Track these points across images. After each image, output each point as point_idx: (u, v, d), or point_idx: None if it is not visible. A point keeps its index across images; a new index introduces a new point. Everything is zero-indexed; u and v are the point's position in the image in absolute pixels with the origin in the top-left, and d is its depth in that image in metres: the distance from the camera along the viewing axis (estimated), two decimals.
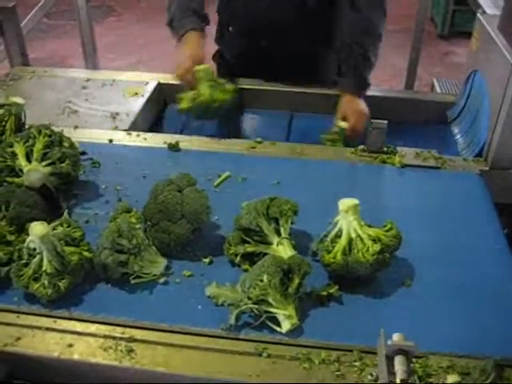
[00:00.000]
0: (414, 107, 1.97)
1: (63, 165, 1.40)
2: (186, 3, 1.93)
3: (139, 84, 2.05)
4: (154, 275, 1.21)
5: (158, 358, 1.06)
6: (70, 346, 1.08)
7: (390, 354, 0.94)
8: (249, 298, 1.10)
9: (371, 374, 1.03)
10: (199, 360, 1.06)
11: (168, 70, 1.98)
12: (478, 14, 1.80)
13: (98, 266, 1.19)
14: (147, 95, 1.99)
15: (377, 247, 1.16)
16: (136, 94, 1.99)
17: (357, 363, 1.05)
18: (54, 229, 1.20)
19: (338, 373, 1.03)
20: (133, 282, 1.19)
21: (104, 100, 1.94)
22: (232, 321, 1.10)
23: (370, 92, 2.07)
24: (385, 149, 1.65)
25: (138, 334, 1.10)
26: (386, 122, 1.59)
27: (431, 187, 1.54)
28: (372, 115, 1.64)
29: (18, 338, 1.09)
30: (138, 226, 1.24)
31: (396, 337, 0.95)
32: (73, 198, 1.46)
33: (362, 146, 1.66)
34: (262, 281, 1.11)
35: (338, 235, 1.21)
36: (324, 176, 1.57)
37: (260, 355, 1.07)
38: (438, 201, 1.49)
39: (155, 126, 2.02)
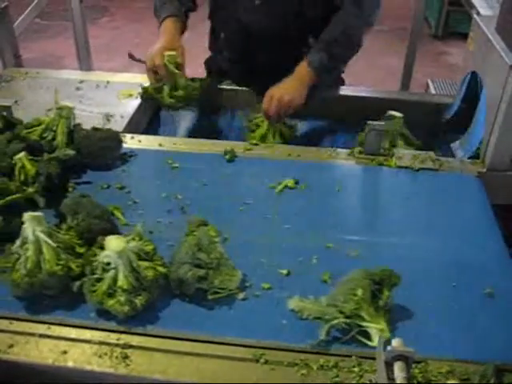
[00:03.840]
0: (411, 108, 1.96)
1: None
2: None
3: (133, 86, 2.03)
4: (231, 290, 1.16)
5: (154, 365, 1.04)
6: (65, 352, 1.06)
7: (389, 360, 0.93)
8: (341, 312, 1.08)
9: (370, 380, 1.01)
10: (196, 366, 1.05)
11: None
12: (475, 15, 1.79)
13: (174, 282, 1.15)
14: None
15: None
16: (130, 95, 1.97)
17: (355, 369, 1.04)
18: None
19: (337, 379, 1.02)
20: (211, 297, 1.15)
21: (98, 101, 1.92)
22: (322, 336, 1.07)
23: (366, 93, 2.07)
24: (382, 151, 1.64)
25: (133, 340, 1.08)
26: (383, 123, 1.59)
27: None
28: (369, 117, 1.62)
29: (11, 345, 1.07)
30: (217, 240, 1.20)
31: (395, 342, 0.94)
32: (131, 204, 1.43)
33: (358, 148, 1.65)
34: (355, 295, 1.08)
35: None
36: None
37: (258, 361, 1.05)
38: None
39: (149, 127, 2.00)
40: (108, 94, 1.99)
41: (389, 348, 0.93)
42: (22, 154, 1.41)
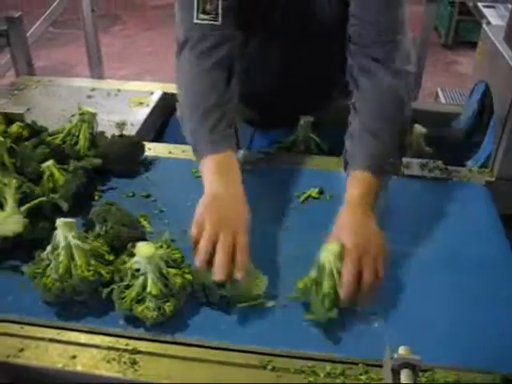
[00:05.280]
0: (421, 118, 1.96)
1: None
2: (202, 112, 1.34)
3: (144, 94, 2.05)
4: (255, 298, 1.16)
5: (162, 370, 1.05)
6: (74, 357, 1.07)
7: (395, 368, 0.93)
8: None
9: None
10: (203, 372, 1.05)
11: (173, 79, 1.98)
12: (484, 25, 1.80)
13: (198, 288, 1.16)
14: (152, 105, 1.99)
15: None
16: (141, 103, 2.00)
17: (362, 376, 1.04)
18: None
19: None
20: (238, 305, 1.16)
21: (109, 109, 1.95)
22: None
23: None
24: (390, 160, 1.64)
25: (142, 345, 1.09)
26: None
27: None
28: None
29: (21, 350, 1.08)
30: None
31: (402, 350, 0.94)
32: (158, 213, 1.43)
33: None
34: None
35: None
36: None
37: (265, 368, 1.06)
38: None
39: (160, 135, 2.02)
40: (119, 102, 2.01)
41: (395, 356, 0.93)
42: (51, 162, 1.43)
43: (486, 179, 1.60)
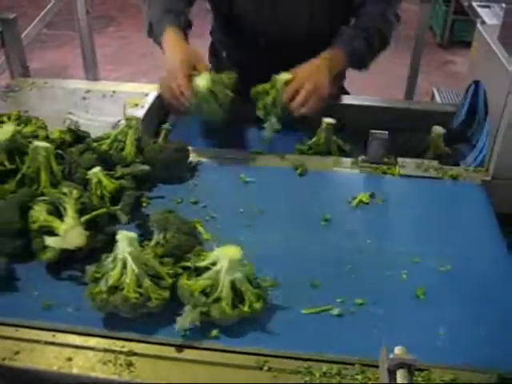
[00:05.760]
0: (416, 117, 1.96)
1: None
2: (163, 5, 1.74)
3: (139, 95, 2.05)
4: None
5: (158, 372, 1.05)
6: (69, 359, 1.07)
7: (391, 368, 0.93)
8: None
9: None
10: (199, 374, 1.05)
11: None
12: (478, 24, 1.80)
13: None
14: (147, 106, 1.99)
15: None
16: (136, 105, 1.99)
17: (358, 376, 1.04)
18: None
19: None
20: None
21: (104, 111, 1.94)
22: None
23: (370, 102, 2.07)
24: (385, 159, 1.64)
25: (138, 347, 1.09)
26: (386, 132, 1.59)
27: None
28: (372, 126, 1.63)
29: (17, 352, 1.08)
30: None
31: (397, 350, 0.94)
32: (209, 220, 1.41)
33: (362, 157, 1.65)
34: None
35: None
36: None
37: (261, 369, 1.06)
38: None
39: (155, 136, 2.01)
40: (114, 104, 2.01)
41: (391, 356, 0.93)
42: (98, 169, 1.41)
43: (482, 178, 1.60)
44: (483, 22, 1.87)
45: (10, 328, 1.12)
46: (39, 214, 1.25)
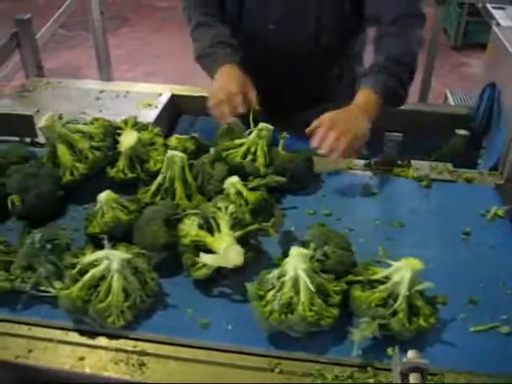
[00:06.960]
0: (430, 120, 1.96)
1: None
2: (213, 34, 1.75)
3: (153, 95, 2.06)
4: None
5: (170, 373, 1.05)
6: (82, 359, 1.07)
7: (404, 371, 0.93)
8: None
9: None
10: (211, 375, 1.05)
11: (182, 81, 1.98)
12: (494, 27, 1.79)
13: None
14: (160, 106, 2.00)
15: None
16: (149, 105, 2.00)
17: (371, 380, 1.03)
18: None
19: None
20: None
21: (118, 111, 1.95)
22: None
23: None
24: (399, 162, 1.63)
25: (150, 347, 1.09)
26: (400, 134, 1.58)
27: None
28: (386, 128, 1.62)
29: (30, 351, 1.08)
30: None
31: (410, 354, 0.94)
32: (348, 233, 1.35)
33: (375, 159, 1.64)
34: None
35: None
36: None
37: (273, 371, 1.05)
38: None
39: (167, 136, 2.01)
40: (127, 104, 2.02)
41: (404, 360, 0.92)
42: (236, 179, 1.36)
43: (496, 182, 1.59)
44: (498, 24, 1.86)
45: (23, 326, 1.13)
46: (190, 228, 1.21)
